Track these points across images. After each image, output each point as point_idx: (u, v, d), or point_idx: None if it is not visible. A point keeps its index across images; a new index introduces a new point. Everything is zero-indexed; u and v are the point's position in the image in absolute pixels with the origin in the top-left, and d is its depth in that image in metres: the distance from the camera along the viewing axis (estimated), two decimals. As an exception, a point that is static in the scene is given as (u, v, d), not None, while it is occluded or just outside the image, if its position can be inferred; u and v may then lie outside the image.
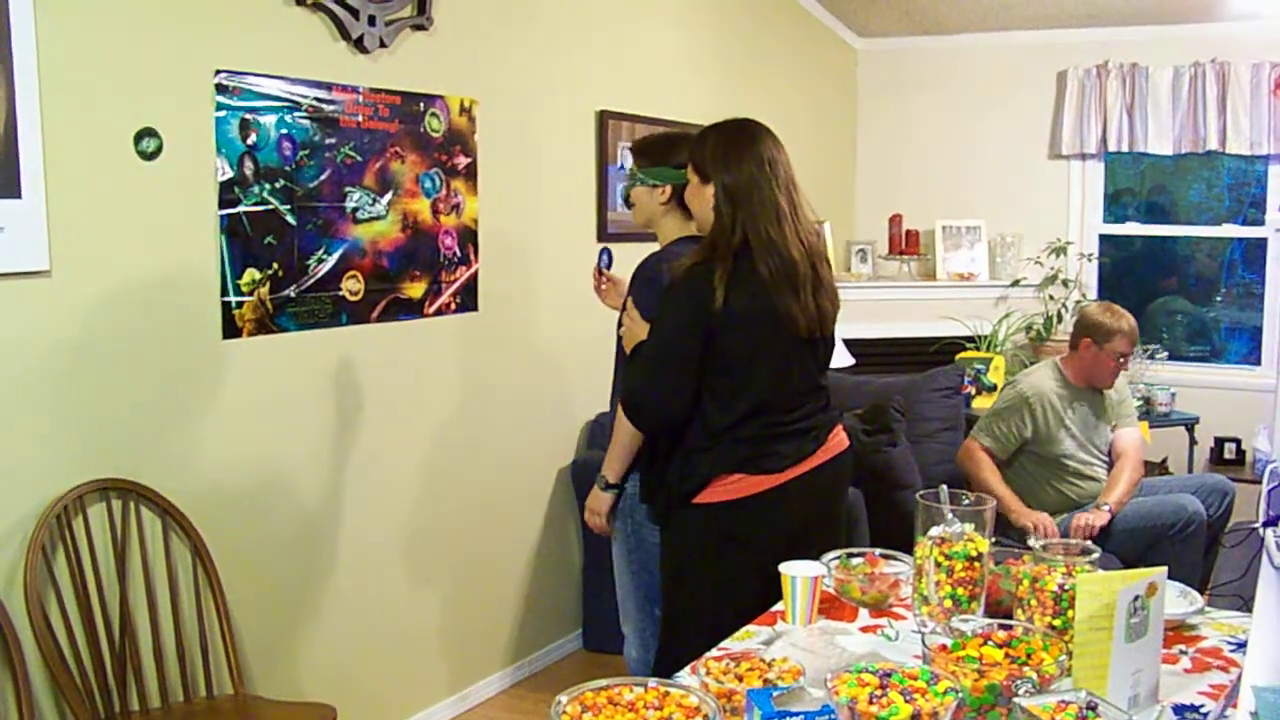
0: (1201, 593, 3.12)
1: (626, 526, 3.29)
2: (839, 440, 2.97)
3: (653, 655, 3.46)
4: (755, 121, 2.93)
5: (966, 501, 2.30)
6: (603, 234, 4.79)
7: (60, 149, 2.85)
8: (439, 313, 4.07)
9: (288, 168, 3.46)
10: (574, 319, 4.61)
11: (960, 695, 1.76)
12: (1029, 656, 1.93)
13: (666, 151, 3.33)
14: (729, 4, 5.81)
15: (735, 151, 2.83)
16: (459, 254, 4.11)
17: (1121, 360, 4.56)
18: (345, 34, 3.61)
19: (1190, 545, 4.40)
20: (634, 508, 3.25)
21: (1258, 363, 6.59)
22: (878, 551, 2.60)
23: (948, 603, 2.23)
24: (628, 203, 3.43)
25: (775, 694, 1.80)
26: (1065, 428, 4.57)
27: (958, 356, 6.18)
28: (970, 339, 6.45)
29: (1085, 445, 4.61)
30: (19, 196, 2.77)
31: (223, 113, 3.26)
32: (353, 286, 3.71)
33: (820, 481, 2.89)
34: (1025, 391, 4.59)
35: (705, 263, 2.76)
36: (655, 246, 3.26)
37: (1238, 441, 6.00)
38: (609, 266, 3.54)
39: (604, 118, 4.84)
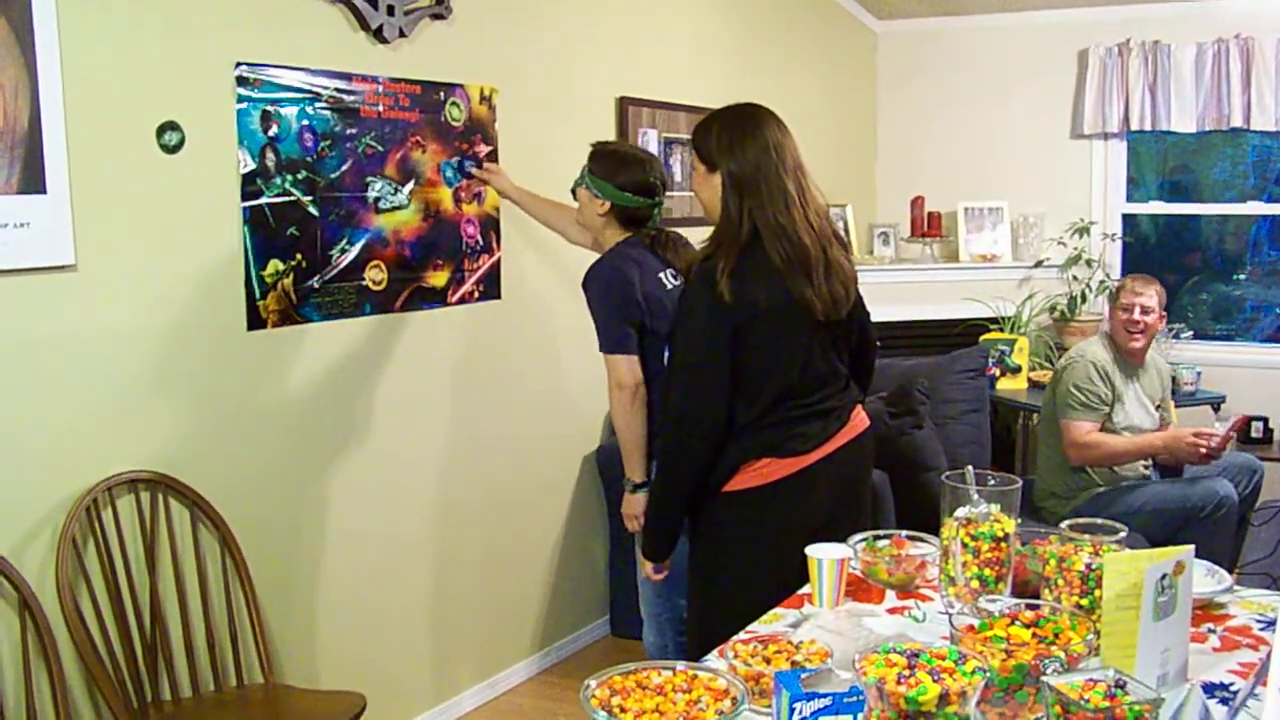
0: (1230, 571, 3.11)
1: None
2: (861, 419, 2.96)
3: (669, 640, 3.47)
4: (760, 106, 2.89)
5: (992, 482, 2.29)
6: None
7: (84, 144, 2.87)
8: (462, 301, 4.08)
9: (309, 159, 3.47)
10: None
11: (988, 675, 1.76)
12: (1056, 636, 1.93)
13: (615, 168, 3.38)
14: (747, -12, 5.80)
15: (740, 138, 2.79)
16: (481, 242, 4.12)
17: (1127, 315, 4.54)
18: (365, 24, 3.62)
19: (1221, 528, 4.37)
20: None
21: (1285, 340, 6.56)
22: (904, 533, 2.59)
23: (974, 583, 2.23)
24: (574, 196, 3.48)
25: (803, 676, 1.80)
26: (1121, 399, 4.55)
27: (982, 338, 6.16)
28: (994, 320, 6.43)
29: (1139, 417, 4.59)
30: (44, 192, 2.78)
31: (244, 105, 3.27)
32: (376, 276, 3.72)
33: (845, 461, 2.88)
34: (1092, 359, 4.54)
35: (710, 258, 2.75)
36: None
37: (1265, 420, 5.95)
38: (478, 166, 4.01)
39: (624, 104, 4.84)
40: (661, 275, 3.36)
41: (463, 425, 4.15)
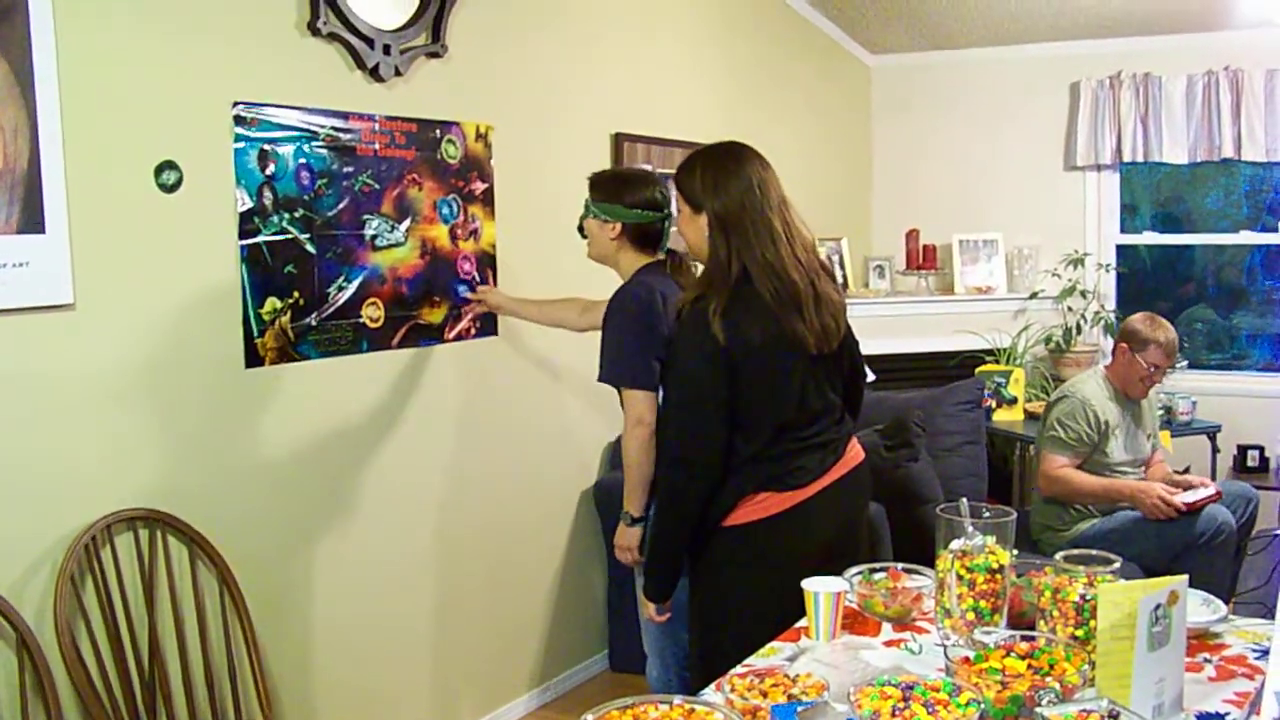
0: (1227, 600, 3.11)
1: None
2: (856, 452, 2.97)
3: (674, 675, 3.46)
4: (741, 144, 2.90)
5: (987, 514, 2.30)
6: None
7: (83, 184, 2.89)
8: (459, 338, 4.10)
9: (306, 197, 3.50)
10: (593, 341, 4.62)
11: (983, 706, 1.77)
12: (1051, 667, 1.94)
13: (621, 189, 3.37)
14: (742, 24, 5.84)
15: (723, 176, 2.80)
16: (478, 279, 4.14)
17: (1154, 371, 4.54)
18: (361, 63, 3.65)
19: (1219, 556, 4.38)
20: None
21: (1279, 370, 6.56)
22: (900, 566, 2.60)
23: (970, 615, 2.23)
24: (582, 233, 3.47)
25: (800, 709, 1.81)
26: (1114, 435, 4.56)
27: (977, 370, 6.18)
28: (989, 352, 6.44)
29: (1130, 453, 4.61)
30: (43, 232, 2.80)
31: (241, 144, 3.30)
32: (373, 313, 3.74)
33: (843, 494, 2.89)
34: (1081, 396, 4.56)
35: (700, 299, 2.75)
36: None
37: (1260, 449, 5.97)
38: (472, 290, 4.11)
39: (619, 140, 4.87)
40: None
41: (460, 461, 4.16)
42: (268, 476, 3.46)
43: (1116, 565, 2.20)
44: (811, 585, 2.41)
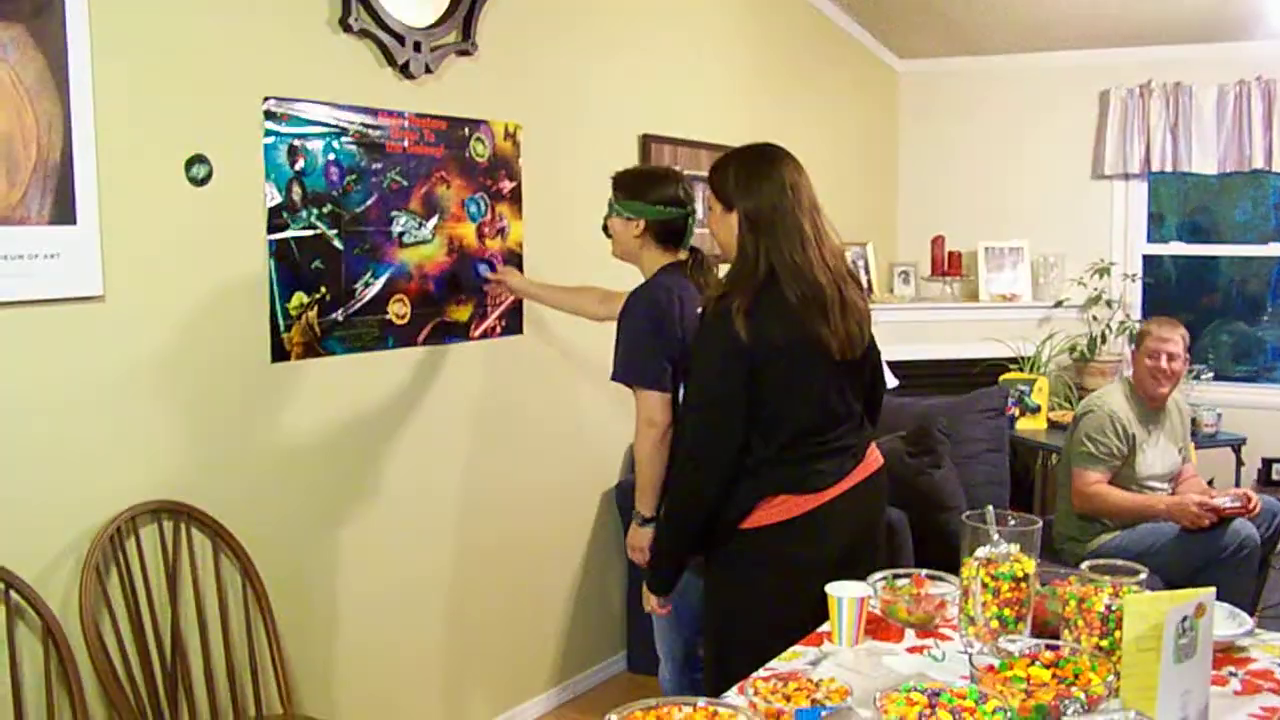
0: (1251, 614, 3.09)
1: None
2: (875, 457, 2.96)
3: (685, 678, 3.46)
4: (776, 146, 2.90)
5: (1013, 522, 2.30)
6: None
7: (114, 177, 2.91)
8: (484, 336, 4.10)
9: (335, 193, 3.51)
10: (617, 341, 4.63)
11: (1009, 715, 1.76)
12: (1076, 677, 1.93)
13: (644, 187, 3.37)
14: (770, 27, 5.84)
15: (757, 177, 2.80)
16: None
17: (1157, 361, 4.53)
18: (391, 60, 3.66)
19: (1243, 570, 4.35)
20: None
21: (1307, 382, 6.53)
22: (924, 572, 2.59)
23: (994, 623, 2.23)
24: (606, 233, 3.47)
25: (823, 714, 1.80)
26: (1141, 449, 4.54)
27: (1001, 378, 6.16)
28: (1014, 360, 6.42)
29: (1160, 467, 4.58)
30: (74, 224, 2.82)
31: (271, 139, 3.31)
32: (399, 310, 3.75)
33: (861, 499, 2.88)
34: (1108, 409, 4.54)
35: (725, 297, 2.75)
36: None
37: (1287, 462, 5.94)
38: (493, 269, 4.08)
39: (647, 141, 4.87)
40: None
41: (482, 459, 4.17)
42: (291, 470, 3.47)
43: (1142, 576, 2.19)
44: (835, 590, 2.41)
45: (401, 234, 3.73)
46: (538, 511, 4.44)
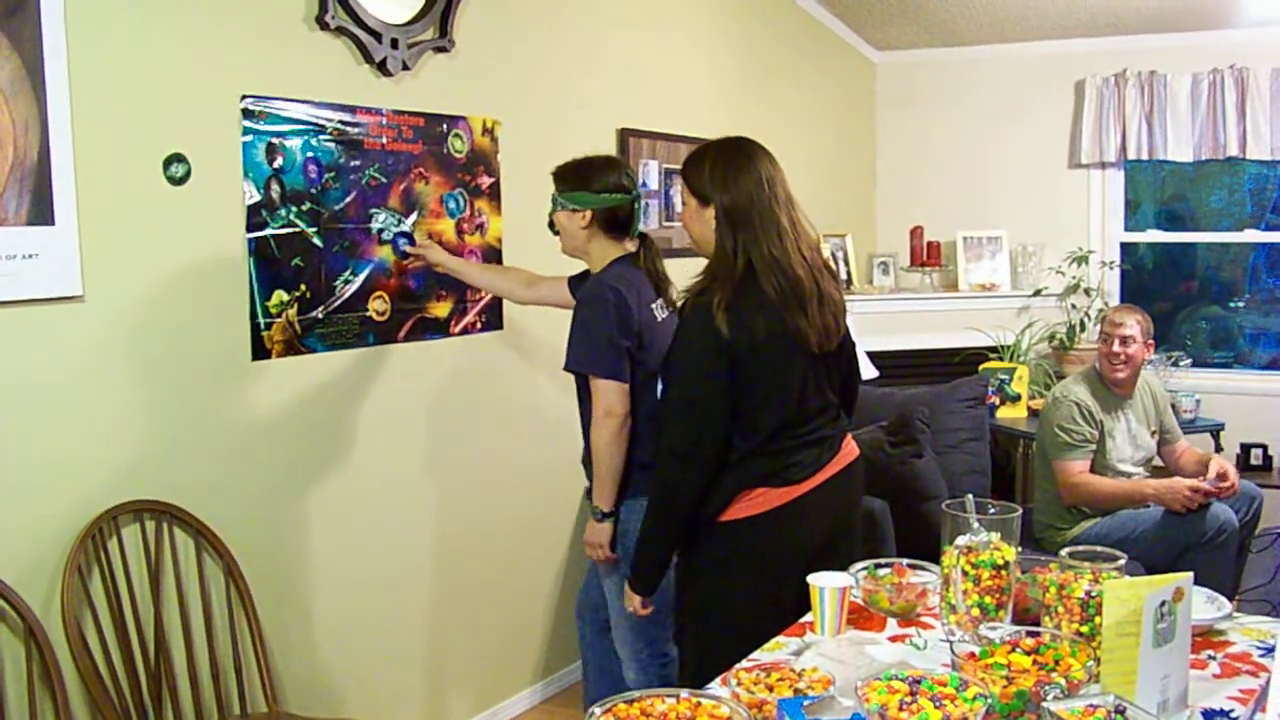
0: (1230, 598, 3.12)
1: (626, 553, 3.27)
2: (851, 448, 2.98)
3: (653, 677, 3.44)
4: (751, 140, 2.90)
5: (993, 510, 2.31)
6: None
7: (92, 176, 2.90)
8: (465, 332, 4.11)
9: (313, 190, 3.50)
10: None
11: (990, 701, 1.78)
12: (1057, 663, 1.94)
13: (587, 176, 3.34)
14: (748, 20, 5.84)
15: (734, 171, 2.79)
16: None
17: (1107, 345, 4.59)
18: (368, 57, 3.66)
19: (1222, 555, 4.38)
20: (631, 535, 3.24)
21: (1283, 367, 6.58)
22: (905, 561, 2.60)
23: (975, 611, 2.24)
24: (553, 229, 3.43)
25: (806, 703, 1.82)
26: (1110, 434, 4.58)
27: (981, 367, 6.18)
28: (993, 349, 6.45)
29: (1132, 450, 4.62)
30: (52, 224, 2.81)
31: (249, 137, 3.31)
32: (379, 307, 3.75)
33: (838, 490, 2.89)
34: (1073, 397, 4.59)
35: (704, 293, 2.75)
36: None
37: (1264, 447, 5.98)
38: (411, 244, 3.83)
39: (625, 135, 4.88)
40: (654, 306, 3.32)
41: (464, 455, 4.17)
42: (274, 469, 3.47)
43: (1121, 562, 2.21)
44: (817, 580, 2.42)
45: (381, 231, 3.73)
46: (520, 507, 4.45)
